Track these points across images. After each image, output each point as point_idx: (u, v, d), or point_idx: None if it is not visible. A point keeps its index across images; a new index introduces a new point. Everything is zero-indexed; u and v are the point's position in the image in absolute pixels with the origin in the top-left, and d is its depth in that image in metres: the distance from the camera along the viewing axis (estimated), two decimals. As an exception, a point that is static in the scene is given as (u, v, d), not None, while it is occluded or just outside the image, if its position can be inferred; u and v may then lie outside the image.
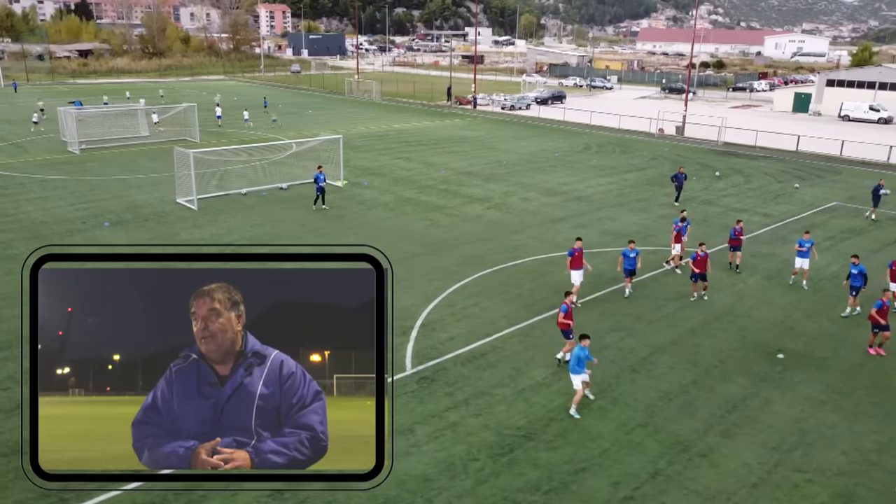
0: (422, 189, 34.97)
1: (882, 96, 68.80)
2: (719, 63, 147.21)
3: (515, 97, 73.96)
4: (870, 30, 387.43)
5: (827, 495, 12.42)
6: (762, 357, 17.61)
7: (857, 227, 30.17)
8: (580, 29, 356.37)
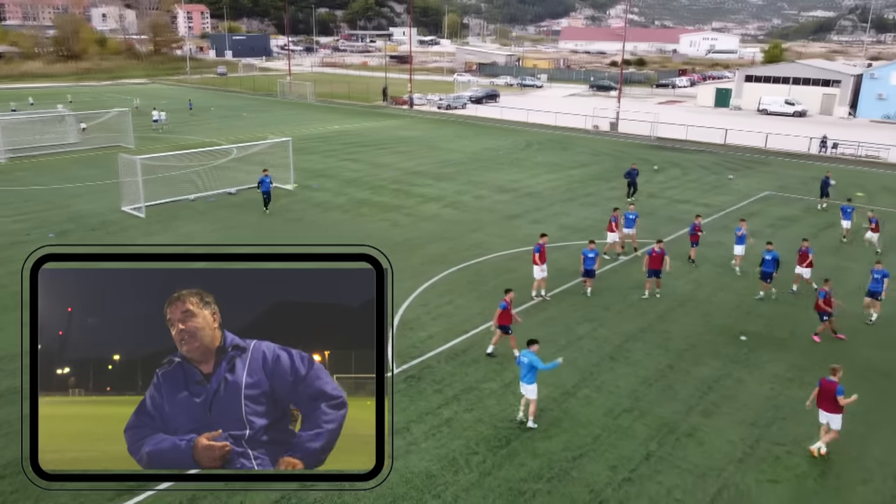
0: (374, 190, 34.93)
1: (796, 91, 72.83)
2: (640, 61, 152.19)
3: (451, 96, 74.53)
4: (773, 28, 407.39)
5: (806, 465, 13.27)
6: (728, 340, 18.55)
7: (792, 214, 31.99)
8: (503, 28, 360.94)
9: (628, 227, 24.97)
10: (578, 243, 25.36)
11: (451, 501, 12.12)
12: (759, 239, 25.27)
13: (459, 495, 12.27)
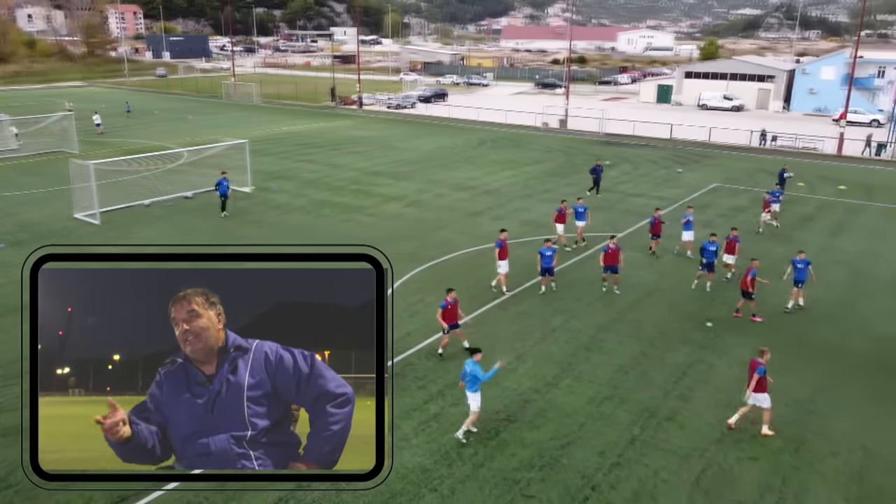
0: (334, 191, 34.77)
1: (733, 86, 75.50)
2: (581, 59, 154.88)
3: (400, 96, 74.53)
4: (705, 25, 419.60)
5: (781, 442, 13.96)
6: (695, 326, 19.28)
7: (740, 204, 33.28)
8: (444, 27, 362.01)
9: (579, 219, 25.54)
10: (541, 238, 25.83)
11: (449, 494, 12.32)
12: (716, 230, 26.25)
13: (456, 487, 12.48)
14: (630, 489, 12.51)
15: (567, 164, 43.33)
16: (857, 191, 36.80)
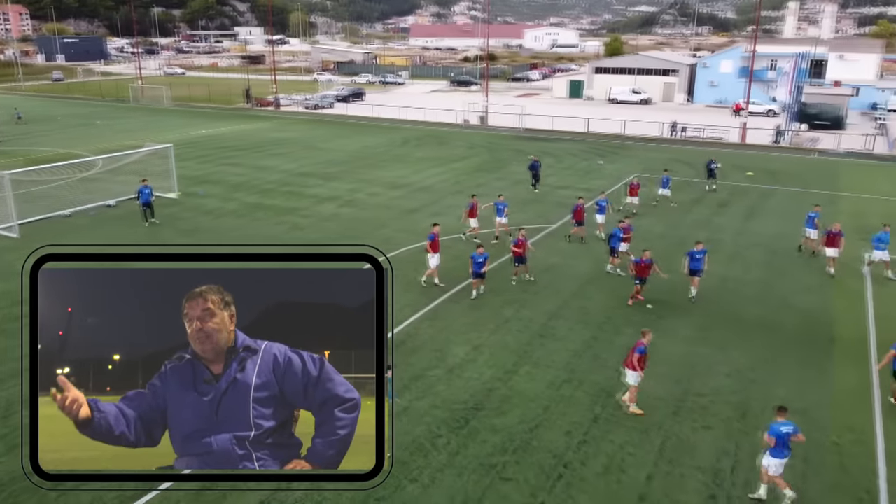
0: (264, 193, 34.22)
1: (640, 81, 78.82)
2: (491, 56, 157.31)
3: (318, 96, 73.71)
4: (605, 22, 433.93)
5: (730, 411, 15.01)
6: (637, 310, 20.28)
7: (662, 193, 34.94)
8: (352, 26, 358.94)
9: (499, 215, 26.12)
10: (480, 231, 26.44)
11: (429, 483, 12.61)
12: (640, 219, 27.65)
13: (435, 476, 12.79)
14: (600, 464, 13.18)
15: (493, 159, 44.22)
16: (764, 176, 39.39)
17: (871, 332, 18.99)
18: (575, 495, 12.29)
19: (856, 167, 43.05)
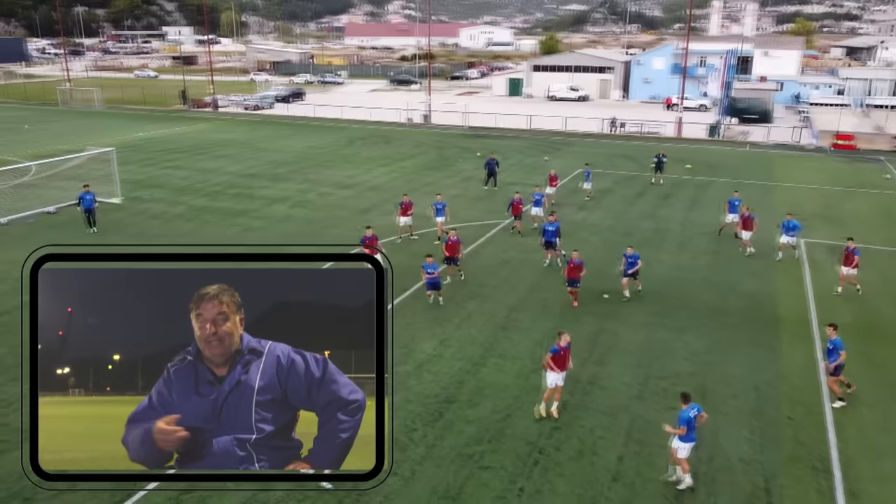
0: (212, 196, 33.61)
1: (577, 78, 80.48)
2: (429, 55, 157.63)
3: (257, 96, 72.51)
4: (538, 21, 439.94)
5: (689, 390, 15.66)
6: (594, 299, 20.92)
7: (606, 187, 35.99)
8: (285, 25, 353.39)
9: (438, 215, 26.12)
10: (431, 230, 26.77)
11: (410, 476, 12.82)
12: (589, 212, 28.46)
13: (415, 469, 13.00)
14: (573, 448, 13.64)
15: (439, 157, 44.55)
16: (702, 169, 40.96)
17: (812, 312, 20.15)
18: (552, 479, 12.71)
19: (786, 158, 45.22)
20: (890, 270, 23.64)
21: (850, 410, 14.98)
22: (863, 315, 19.98)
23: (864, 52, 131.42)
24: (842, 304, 20.70)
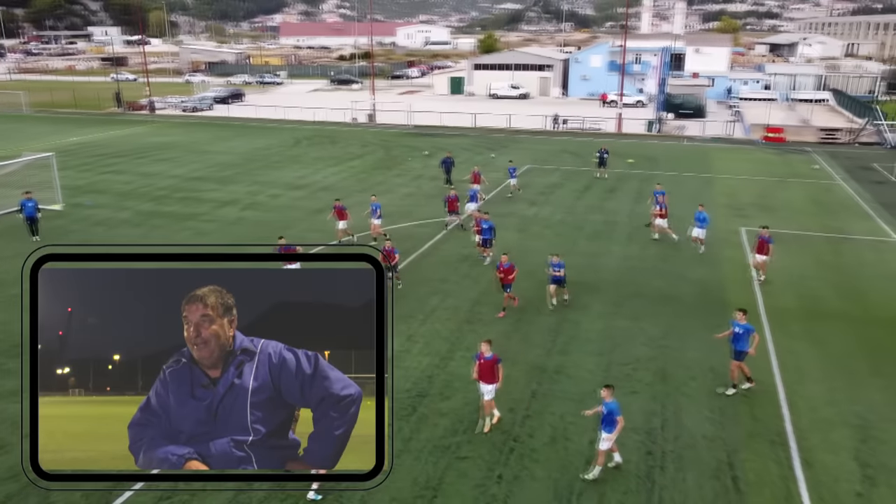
0: (158, 200, 32.85)
1: (518, 76, 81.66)
2: (367, 54, 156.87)
3: (196, 98, 70.92)
4: (473, 19, 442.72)
5: (651, 376, 16.39)
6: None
7: (555, 182, 36.84)
8: (217, 25, 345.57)
9: (373, 217, 25.88)
10: (390, 227, 26.92)
11: (387, 469, 12.97)
12: (540, 207, 29.08)
13: (395, 462, 13.17)
14: (546, 435, 14.07)
15: (388, 156, 44.63)
16: (643, 163, 42.28)
17: (758, 295, 21.20)
18: (529, 465, 13.10)
19: (722, 151, 47.08)
20: (825, 254, 25.04)
21: (798, 386, 15.90)
22: (803, 297, 21.14)
23: (786, 49, 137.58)
24: (783, 287, 21.83)
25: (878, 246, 26.15)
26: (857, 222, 29.29)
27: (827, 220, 29.59)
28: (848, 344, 18.03)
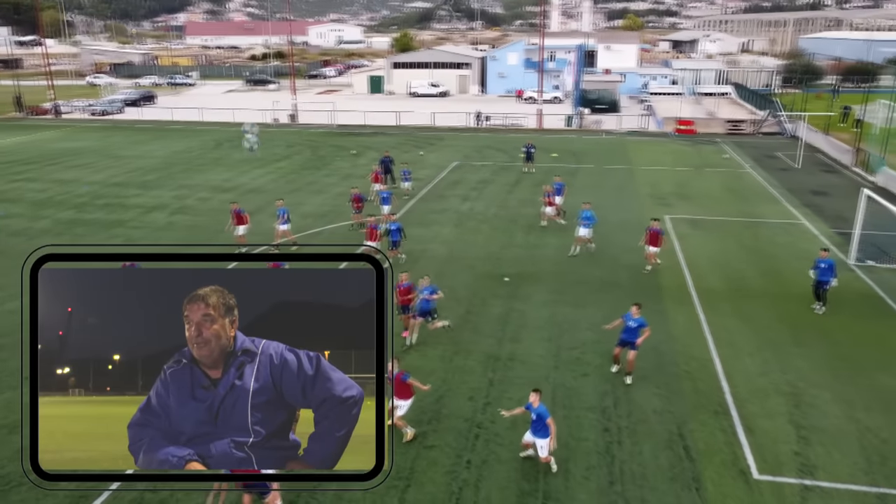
0: (79, 208, 31.47)
1: (437, 74, 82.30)
2: (279, 53, 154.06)
3: (105, 100, 67.89)
4: (384, 18, 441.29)
5: (599, 359, 17.16)
6: (496, 283, 22.06)
7: (485, 177, 37.56)
8: (118, 25, 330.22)
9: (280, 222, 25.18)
10: (326, 228, 26.91)
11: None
12: (474, 203, 29.58)
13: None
14: (507, 420, 14.46)
15: (315, 157, 44.26)
16: (566, 157, 43.65)
17: (688, 278, 22.45)
18: (495, 449, 13.55)
19: (639, 143, 49.13)
20: (744, 238, 26.72)
21: (734, 360, 17.04)
22: (729, 278, 22.54)
23: (687, 45, 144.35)
24: (710, 270, 23.21)
25: (789, 228, 28.12)
26: (768, 207, 31.36)
27: (742, 206, 31.52)
28: (772, 319, 19.41)
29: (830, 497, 12.15)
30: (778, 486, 12.43)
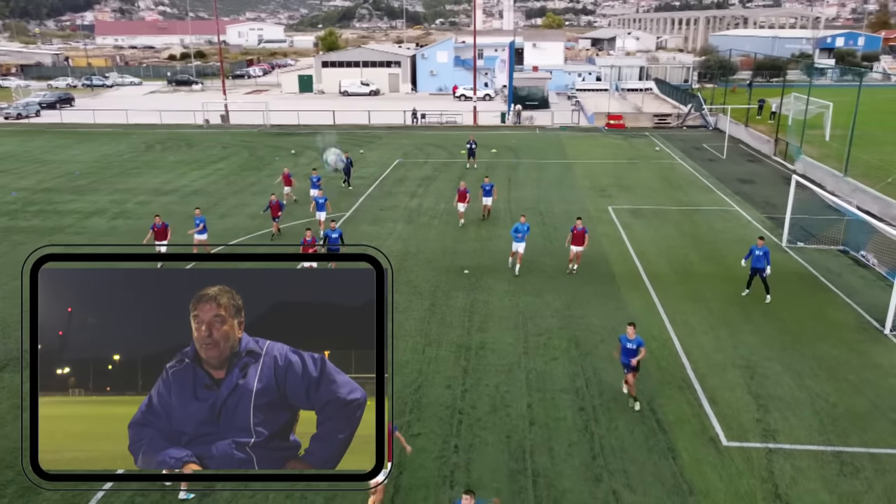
0: (11, 216, 30.03)
1: (367, 73, 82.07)
2: (200, 53, 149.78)
3: (20, 103, 64.52)
4: (303, 17, 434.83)
5: (565, 343, 17.86)
6: (457, 275, 22.50)
7: (429, 174, 37.94)
8: (18, 24, 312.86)
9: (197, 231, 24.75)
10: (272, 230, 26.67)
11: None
12: (422, 197, 29.89)
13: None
14: (487, 405, 15.04)
15: (253, 157, 43.56)
16: (505, 152, 44.53)
17: (638, 265, 23.49)
18: (479, 433, 13.99)
19: (572, 138, 50.56)
20: (683, 225, 28.10)
21: (690, 338, 18.06)
22: (675, 263, 23.72)
23: (606, 43, 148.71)
24: (657, 256, 24.35)
25: (724, 215, 29.74)
26: (702, 195, 33.02)
27: (677, 195, 33.06)
28: (720, 299, 20.61)
29: (793, 457, 13.17)
30: (745, 451, 13.37)
